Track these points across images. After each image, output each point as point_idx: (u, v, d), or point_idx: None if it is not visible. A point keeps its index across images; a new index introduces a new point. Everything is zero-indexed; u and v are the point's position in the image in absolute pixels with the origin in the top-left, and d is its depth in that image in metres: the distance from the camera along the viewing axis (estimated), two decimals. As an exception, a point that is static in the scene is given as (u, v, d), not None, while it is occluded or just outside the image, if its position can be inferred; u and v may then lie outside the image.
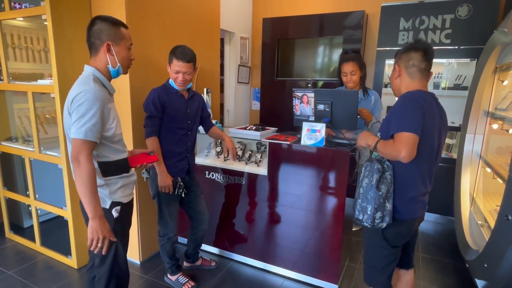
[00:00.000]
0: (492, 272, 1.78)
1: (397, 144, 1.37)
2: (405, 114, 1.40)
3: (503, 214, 1.71)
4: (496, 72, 2.54)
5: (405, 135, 1.36)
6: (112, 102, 1.49)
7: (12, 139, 2.79)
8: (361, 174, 1.53)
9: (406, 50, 1.51)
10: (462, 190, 2.76)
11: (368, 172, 1.48)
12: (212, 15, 3.05)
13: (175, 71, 1.95)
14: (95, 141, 1.35)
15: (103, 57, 1.44)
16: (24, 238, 2.80)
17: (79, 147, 1.31)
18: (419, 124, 1.37)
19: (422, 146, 1.40)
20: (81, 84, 1.37)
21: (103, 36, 1.42)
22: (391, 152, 1.40)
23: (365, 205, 1.46)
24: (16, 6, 2.38)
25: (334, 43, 3.95)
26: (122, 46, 1.47)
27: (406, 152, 1.34)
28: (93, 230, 1.34)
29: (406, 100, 1.43)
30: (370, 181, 1.46)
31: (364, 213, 1.47)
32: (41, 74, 2.94)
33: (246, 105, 4.77)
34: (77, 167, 1.31)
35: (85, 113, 1.31)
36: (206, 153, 2.76)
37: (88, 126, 1.31)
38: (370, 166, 1.48)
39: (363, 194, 1.48)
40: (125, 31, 1.49)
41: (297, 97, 2.30)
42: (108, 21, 1.44)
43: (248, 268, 2.51)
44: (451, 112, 3.30)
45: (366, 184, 1.47)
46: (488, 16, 3.00)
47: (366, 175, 1.49)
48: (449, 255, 2.77)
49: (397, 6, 3.33)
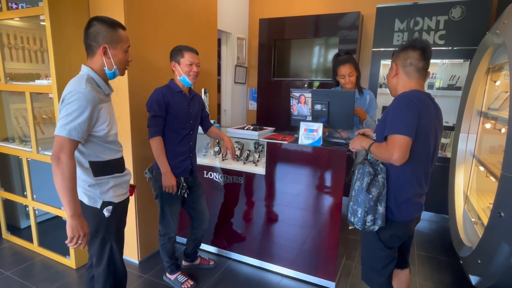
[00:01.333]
0: (485, 267, 1.82)
1: (389, 147, 1.37)
2: (399, 116, 1.39)
3: (495, 211, 1.75)
4: (489, 72, 2.60)
5: (398, 138, 1.36)
6: (107, 102, 1.48)
7: (9, 139, 2.78)
8: (354, 177, 1.55)
9: (404, 49, 1.50)
10: (456, 189, 2.82)
11: (360, 175, 1.49)
12: (209, 16, 3.07)
13: (189, 63, 1.97)
14: (79, 141, 1.34)
15: (99, 59, 1.44)
16: (21, 238, 2.79)
17: (61, 144, 1.30)
18: (413, 126, 1.36)
19: (418, 147, 1.40)
20: (73, 84, 1.37)
21: (100, 38, 1.41)
22: (384, 155, 1.40)
23: (355, 208, 1.48)
24: (13, 6, 2.37)
25: (330, 43, 3.99)
26: (118, 49, 1.46)
27: (398, 155, 1.34)
28: (72, 228, 1.33)
29: (401, 102, 1.42)
30: (361, 184, 1.47)
31: (355, 215, 1.49)
32: (38, 74, 2.93)
33: (243, 105, 4.79)
34: (57, 165, 1.29)
35: (72, 112, 1.30)
36: (204, 152, 2.78)
37: (73, 125, 1.30)
38: (362, 169, 1.49)
39: (354, 197, 1.49)
40: (123, 34, 1.48)
41: (294, 97, 2.32)
42: (106, 23, 1.42)
43: (246, 267, 2.54)
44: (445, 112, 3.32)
45: (357, 187, 1.49)
46: (481, 18, 3.06)
47: (358, 178, 1.50)
48: (443, 252, 2.82)
49: (392, 8, 3.37)
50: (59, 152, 1.29)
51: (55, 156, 1.30)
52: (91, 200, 1.48)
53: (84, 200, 1.48)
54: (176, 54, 1.99)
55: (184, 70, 1.99)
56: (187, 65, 1.98)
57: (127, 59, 1.52)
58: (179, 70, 2.00)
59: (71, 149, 1.32)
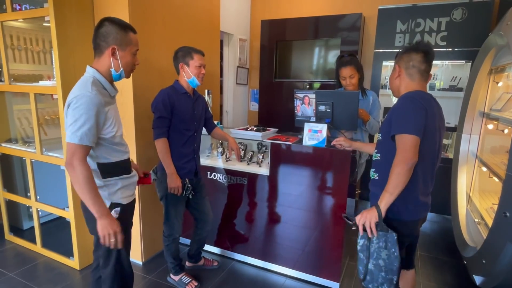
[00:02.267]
0: (490, 267, 1.83)
1: (401, 152, 1.36)
2: (406, 115, 1.40)
3: (501, 211, 1.76)
4: (491, 73, 2.61)
5: (407, 138, 1.36)
6: (112, 104, 1.48)
7: (12, 140, 2.78)
8: (373, 243, 1.47)
9: (407, 51, 1.52)
10: (458, 189, 2.83)
11: (383, 243, 1.45)
12: (212, 18, 3.08)
13: (199, 64, 1.99)
14: (90, 145, 1.35)
15: (106, 60, 1.43)
16: (24, 240, 2.78)
17: (73, 151, 1.31)
18: (421, 125, 1.37)
19: (425, 146, 1.41)
20: (79, 87, 1.36)
21: (110, 39, 1.40)
22: (400, 171, 1.35)
23: (390, 277, 1.46)
24: (17, 7, 2.38)
25: (332, 44, 4.00)
26: (127, 52, 1.45)
27: (414, 158, 1.34)
28: (103, 228, 1.35)
29: (407, 101, 1.43)
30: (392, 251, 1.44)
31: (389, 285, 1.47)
32: (40, 75, 2.94)
33: (245, 106, 4.80)
34: (72, 172, 1.32)
35: (80, 117, 1.30)
36: (208, 153, 2.78)
37: (83, 130, 1.30)
38: (384, 237, 1.45)
39: (387, 266, 1.46)
40: (133, 37, 1.47)
41: (298, 98, 2.33)
42: (117, 24, 1.42)
43: (250, 268, 2.54)
44: (447, 112, 3.34)
45: (387, 256, 1.45)
46: (482, 20, 3.08)
47: (383, 246, 1.45)
48: (446, 253, 2.83)
49: (394, 9, 3.39)
50: (71, 158, 1.31)
51: (69, 164, 1.32)
52: None
53: None
54: (184, 55, 1.99)
55: (194, 72, 1.99)
56: (196, 67, 1.98)
57: (134, 62, 1.51)
58: (187, 72, 2.00)
59: (84, 155, 1.33)
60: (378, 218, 1.42)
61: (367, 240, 1.50)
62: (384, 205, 1.41)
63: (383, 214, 1.41)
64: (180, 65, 2.01)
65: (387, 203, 1.41)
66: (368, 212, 1.45)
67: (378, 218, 1.42)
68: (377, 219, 1.42)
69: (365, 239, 1.51)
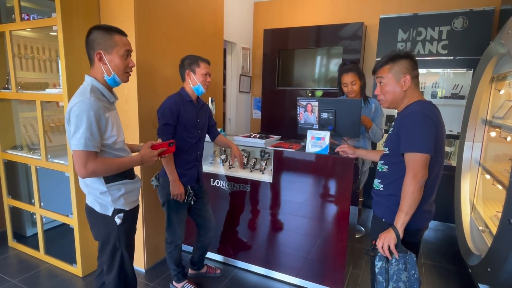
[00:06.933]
0: (495, 276, 1.81)
1: (412, 170, 1.35)
2: (418, 132, 1.36)
3: (505, 218, 1.75)
4: (493, 81, 2.62)
5: (419, 157, 1.34)
6: (112, 110, 1.49)
7: (17, 147, 2.81)
8: (392, 266, 1.44)
9: (406, 58, 1.46)
10: (462, 197, 2.81)
11: (402, 264, 1.43)
12: (216, 27, 3.12)
13: (205, 72, 2.03)
14: (96, 151, 1.36)
15: (98, 67, 1.44)
16: (27, 246, 2.79)
17: (83, 158, 1.33)
18: (433, 142, 1.35)
19: (435, 159, 1.39)
20: (78, 95, 1.38)
21: (95, 45, 1.41)
22: (413, 190, 1.35)
23: None
24: (25, 17, 2.43)
25: (334, 53, 4.04)
26: (114, 54, 1.43)
27: (425, 176, 1.35)
28: (144, 158, 1.54)
29: (417, 117, 1.38)
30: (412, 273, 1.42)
31: None
32: (46, 83, 2.98)
33: (247, 114, 4.83)
34: (92, 174, 1.35)
35: (81, 124, 1.31)
36: (211, 160, 2.80)
37: (87, 136, 1.32)
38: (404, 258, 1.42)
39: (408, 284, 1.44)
40: (119, 38, 1.44)
41: (301, 105, 2.35)
42: (101, 29, 1.42)
43: (253, 275, 2.52)
44: (449, 120, 3.39)
45: (407, 278, 1.42)
46: (483, 28, 3.11)
47: (403, 268, 1.42)
48: (450, 261, 2.80)
49: (395, 18, 3.43)
50: (86, 164, 1.33)
51: (85, 171, 1.34)
52: (102, 207, 1.49)
53: (96, 207, 1.50)
54: (191, 63, 2.02)
55: (200, 80, 2.02)
56: (203, 74, 2.02)
57: (126, 65, 1.48)
58: (193, 79, 2.03)
59: (93, 158, 1.35)
60: (397, 239, 1.39)
61: (385, 262, 1.46)
62: (400, 225, 1.38)
63: (401, 235, 1.39)
64: (186, 72, 2.04)
65: (404, 223, 1.38)
66: (386, 234, 1.42)
67: (397, 239, 1.39)
68: (396, 241, 1.39)
69: (383, 261, 1.46)
